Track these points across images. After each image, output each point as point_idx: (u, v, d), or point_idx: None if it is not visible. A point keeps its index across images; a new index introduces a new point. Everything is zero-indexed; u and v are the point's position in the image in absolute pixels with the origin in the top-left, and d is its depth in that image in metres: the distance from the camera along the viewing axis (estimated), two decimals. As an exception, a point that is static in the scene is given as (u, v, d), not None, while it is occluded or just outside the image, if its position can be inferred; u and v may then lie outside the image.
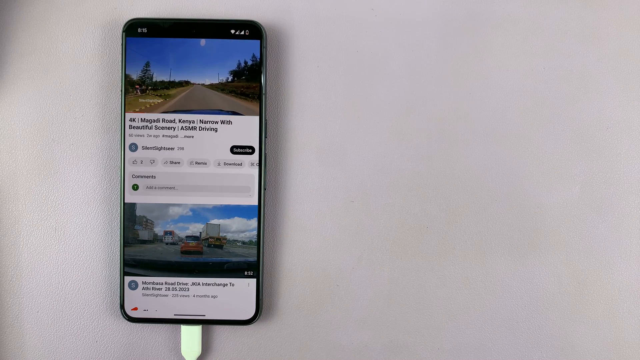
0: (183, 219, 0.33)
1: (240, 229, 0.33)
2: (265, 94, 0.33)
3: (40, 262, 0.34)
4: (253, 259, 0.33)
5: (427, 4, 0.34)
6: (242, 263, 0.33)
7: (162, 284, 0.33)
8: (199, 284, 0.33)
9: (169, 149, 0.33)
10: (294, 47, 0.34)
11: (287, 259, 0.34)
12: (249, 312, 0.33)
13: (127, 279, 0.33)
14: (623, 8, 0.35)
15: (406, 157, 0.34)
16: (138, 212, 0.33)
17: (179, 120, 0.33)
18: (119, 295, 0.33)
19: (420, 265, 0.35)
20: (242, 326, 0.34)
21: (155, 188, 0.33)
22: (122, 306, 0.33)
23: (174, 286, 0.33)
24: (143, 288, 0.33)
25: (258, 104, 0.33)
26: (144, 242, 0.33)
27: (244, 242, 0.33)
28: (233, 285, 0.33)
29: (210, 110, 0.33)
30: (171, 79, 0.33)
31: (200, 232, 0.33)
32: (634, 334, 0.35)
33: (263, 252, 0.33)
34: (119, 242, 0.33)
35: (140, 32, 0.33)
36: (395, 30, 0.34)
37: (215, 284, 0.33)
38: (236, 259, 0.33)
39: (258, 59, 0.33)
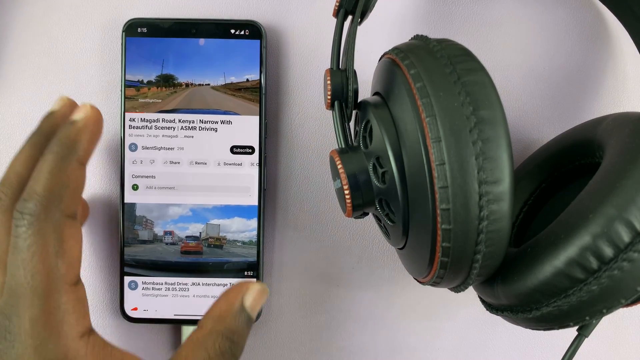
0: (183, 219, 0.33)
1: (240, 229, 0.33)
2: (265, 94, 0.33)
3: (40, 262, 0.34)
4: (253, 259, 0.33)
5: (427, 3, 0.34)
6: (242, 263, 0.33)
7: (162, 284, 0.33)
8: (199, 284, 0.33)
9: (168, 149, 0.33)
10: (294, 47, 0.34)
11: (287, 259, 0.34)
12: (249, 312, 0.33)
13: (127, 279, 0.33)
14: (623, 8, 0.35)
15: (406, 157, 0.34)
16: (138, 212, 0.33)
17: (179, 120, 0.33)
18: (118, 295, 0.33)
19: (420, 265, 0.35)
20: (242, 326, 0.34)
21: (155, 188, 0.33)
22: (122, 306, 0.33)
23: (174, 286, 0.33)
24: (143, 288, 0.33)
25: (258, 104, 0.33)
26: (143, 242, 0.33)
27: (244, 242, 0.33)
28: (233, 285, 0.33)
29: (210, 110, 0.33)
30: (171, 79, 0.33)
31: (200, 232, 0.33)
32: (634, 334, 0.35)
33: (263, 252, 0.33)
34: (119, 242, 0.33)
35: (140, 32, 0.33)
36: (395, 30, 0.34)
37: (215, 284, 0.33)
38: (236, 259, 0.33)
39: (258, 59, 0.33)
